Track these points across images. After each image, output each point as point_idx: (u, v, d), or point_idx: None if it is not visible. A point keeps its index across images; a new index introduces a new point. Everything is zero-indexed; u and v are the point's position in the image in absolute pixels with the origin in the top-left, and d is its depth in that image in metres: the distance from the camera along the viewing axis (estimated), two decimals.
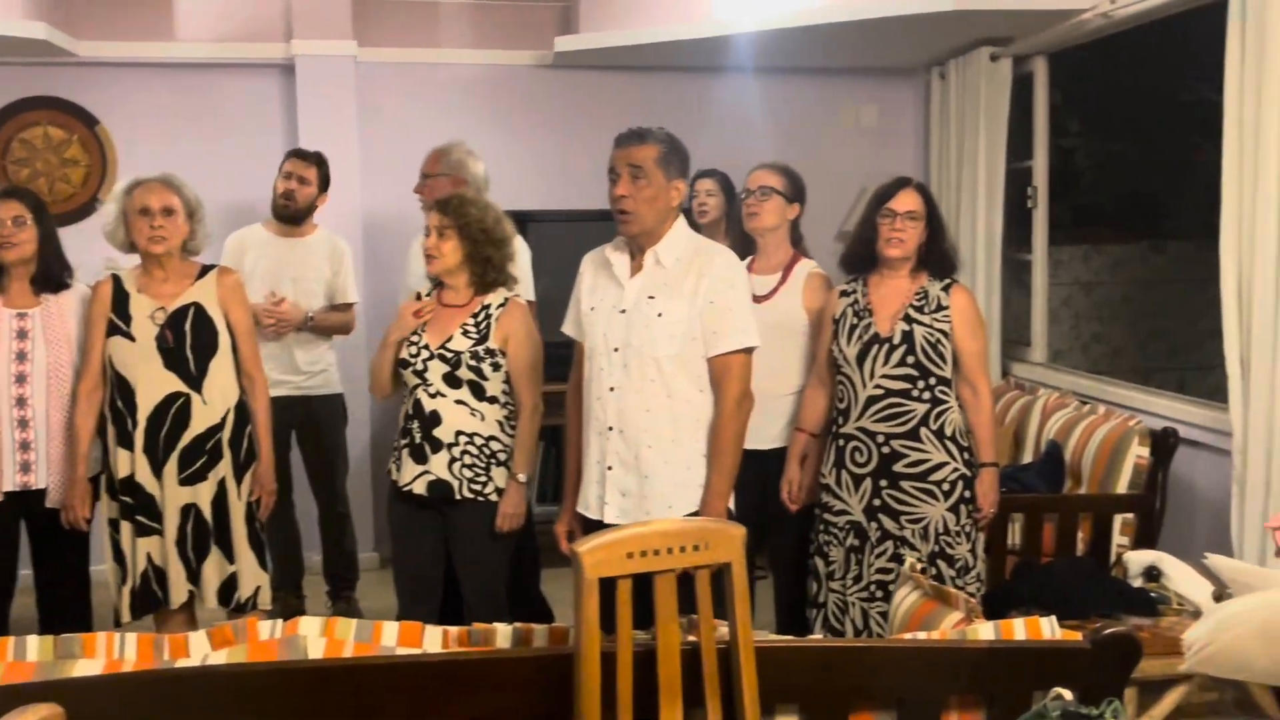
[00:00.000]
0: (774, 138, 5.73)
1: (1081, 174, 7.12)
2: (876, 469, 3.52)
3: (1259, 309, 3.46)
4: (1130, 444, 4.04)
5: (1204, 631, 1.48)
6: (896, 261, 3.53)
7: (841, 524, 3.60)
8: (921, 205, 3.53)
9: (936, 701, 2.09)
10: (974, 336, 3.53)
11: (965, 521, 3.52)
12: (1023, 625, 2.21)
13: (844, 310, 3.62)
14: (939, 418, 3.49)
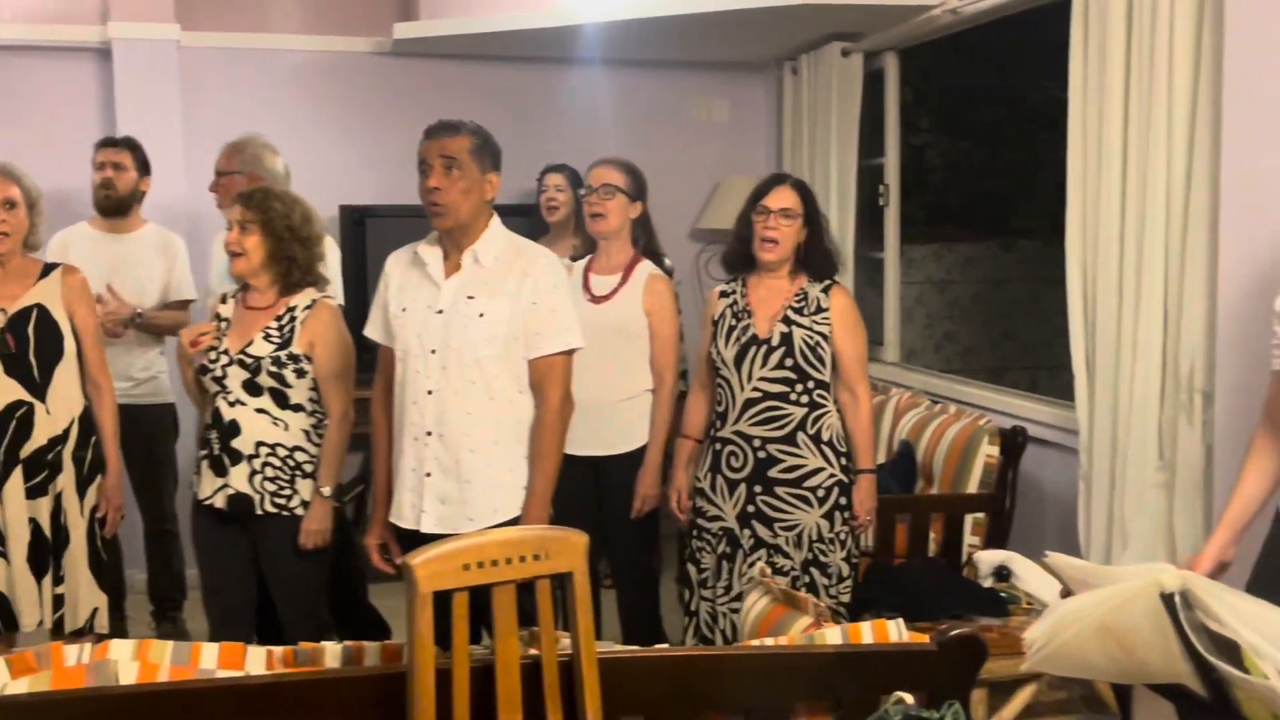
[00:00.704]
0: (624, 132, 5.75)
1: (933, 172, 7.32)
2: (751, 474, 3.54)
3: (1103, 308, 3.59)
4: (980, 443, 4.16)
5: (1043, 630, 1.53)
6: (772, 262, 3.56)
7: (714, 530, 3.61)
8: (798, 203, 3.54)
9: (784, 708, 2.12)
10: (853, 339, 3.57)
11: (840, 529, 3.56)
12: (870, 629, 2.25)
13: (723, 311, 3.64)
14: (816, 422, 3.53)
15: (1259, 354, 2.76)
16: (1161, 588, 1.40)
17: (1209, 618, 1.38)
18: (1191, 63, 3.27)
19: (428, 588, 1.95)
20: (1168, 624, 1.42)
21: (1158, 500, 3.42)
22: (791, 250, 3.55)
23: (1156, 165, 3.36)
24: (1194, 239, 3.26)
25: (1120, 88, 3.50)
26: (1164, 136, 3.33)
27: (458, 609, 1.98)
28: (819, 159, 5.42)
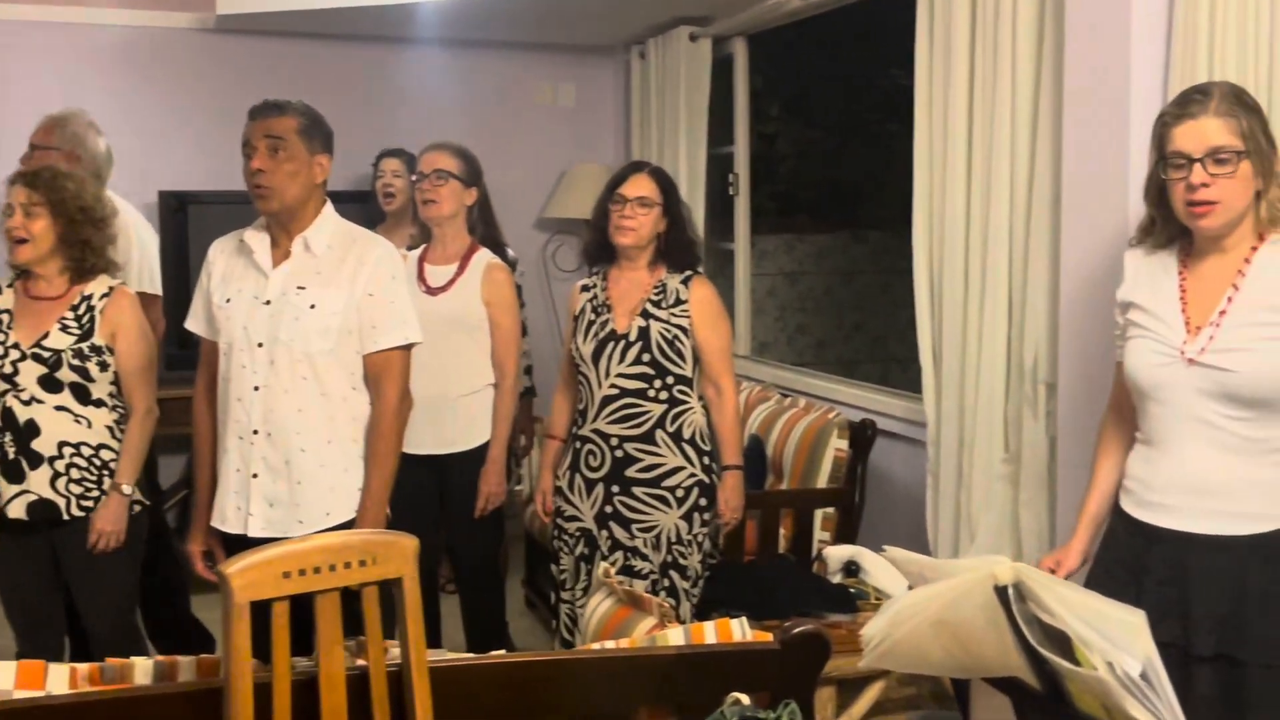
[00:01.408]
0: (465, 116, 5.71)
1: (783, 161, 7.43)
2: (609, 474, 3.54)
3: (949, 300, 3.68)
4: (830, 437, 4.23)
5: (880, 626, 1.55)
6: (630, 250, 3.55)
7: (573, 531, 3.62)
8: (656, 191, 3.54)
9: (624, 713, 2.12)
10: (716, 332, 3.57)
11: (698, 530, 3.57)
12: (714, 629, 2.27)
13: (584, 306, 3.63)
14: (676, 419, 3.53)
15: (1101, 345, 2.86)
16: (995, 580, 1.43)
17: (1041, 609, 1.42)
18: (1034, 54, 3.37)
19: (244, 597, 1.90)
20: (1002, 617, 1.45)
21: (1004, 492, 3.52)
22: (650, 239, 3.55)
23: (1000, 157, 3.45)
24: (1037, 229, 3.37)
25: (965, 78, 3.59)
26: (1008, 128, 3.43)
27: (277, 619, 1.93)
28: (668, 146, 5.45)
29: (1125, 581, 2.50)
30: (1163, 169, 2.43)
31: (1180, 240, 2.52)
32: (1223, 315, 2.39)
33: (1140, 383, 2.49)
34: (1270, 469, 2.38)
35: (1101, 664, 1.34)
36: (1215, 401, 2.38)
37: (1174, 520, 2.45)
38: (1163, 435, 2.47)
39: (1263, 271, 2.37)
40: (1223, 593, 2.38)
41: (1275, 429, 2.36)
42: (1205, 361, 2.38)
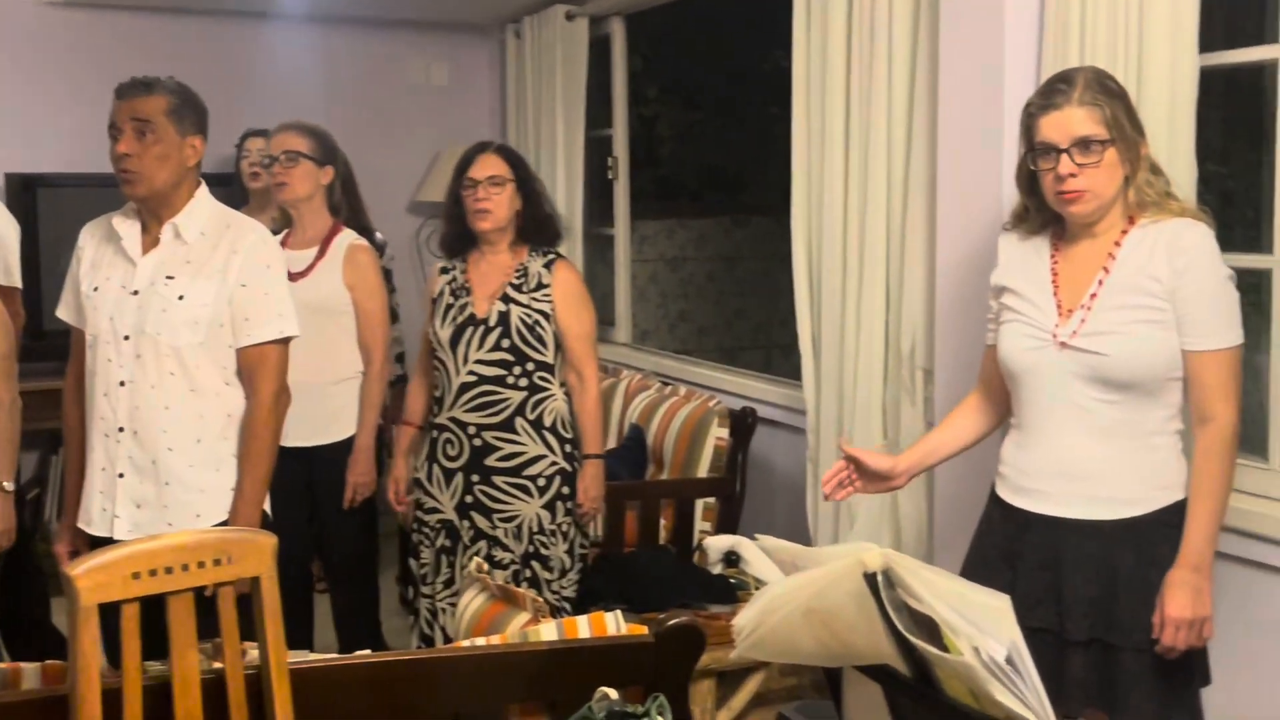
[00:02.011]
0: (334, 95, 5.63)
1: (663, 144, 7.44)
2: (468, 463, 3.52)
3: (827, 286, 3.73)
4: (710, 425, 4.26)
5: (751, 616, 1.56)
6: (491, 234, 3.53)
7: (433, 523, 3.59)
8: (506, 169, 3.53)
9: (495, 711, 2.11)
10: (579, 317, 3.57)
11: (562, 520, 3.57)
12: (588, 623, 2.27)
13: (442, 289, 3.60)
14: (538, 407, 3.52)
15: (976, 331, 2.92)
16: (864, 567, 1.45)
17: (909, 596, 1.44)
18: (910, 41, 3.42)
19: (90, 600, 1.85)
20: (871, 604, 1.47)
21: None
22: (508, 219, 3.53)
23: (877, 143, 3.50)
24: (913, 216, 3.42)
25: (842, 65, 3.63)
26: (884, 114, 3.48)
27: (126, 623, 1.89)
28: (544, 128, 5.43)
29: (1001, 567, 2.56)
30: (1031, 159, 2.49)
31: (1053, 225, 2.58)
32: (1093, 299, 2.45)
33: (1013, 367, 2.55)
34: (1140, 452, 2.45)
35: (968, 649, 1.37)
36: (1086, 385, 2.44)
37: (1047, 506, 2.51)
38: (1035, 420, 2.53)
39: (1132, 255, 2.44)
40: (1095, 577, 2.45)
41: (1145, 412, 2.44)
42: (1076, 345, 2.44)
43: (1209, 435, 2.41)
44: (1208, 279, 2.39)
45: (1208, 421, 2.41)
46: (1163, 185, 2.48)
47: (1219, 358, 2.40)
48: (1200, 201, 2.65)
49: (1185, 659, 2.43)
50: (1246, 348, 2.50)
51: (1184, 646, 2.39)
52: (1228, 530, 2.61)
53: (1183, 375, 2.43)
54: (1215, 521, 2.42)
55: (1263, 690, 2.73)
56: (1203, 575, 2.40)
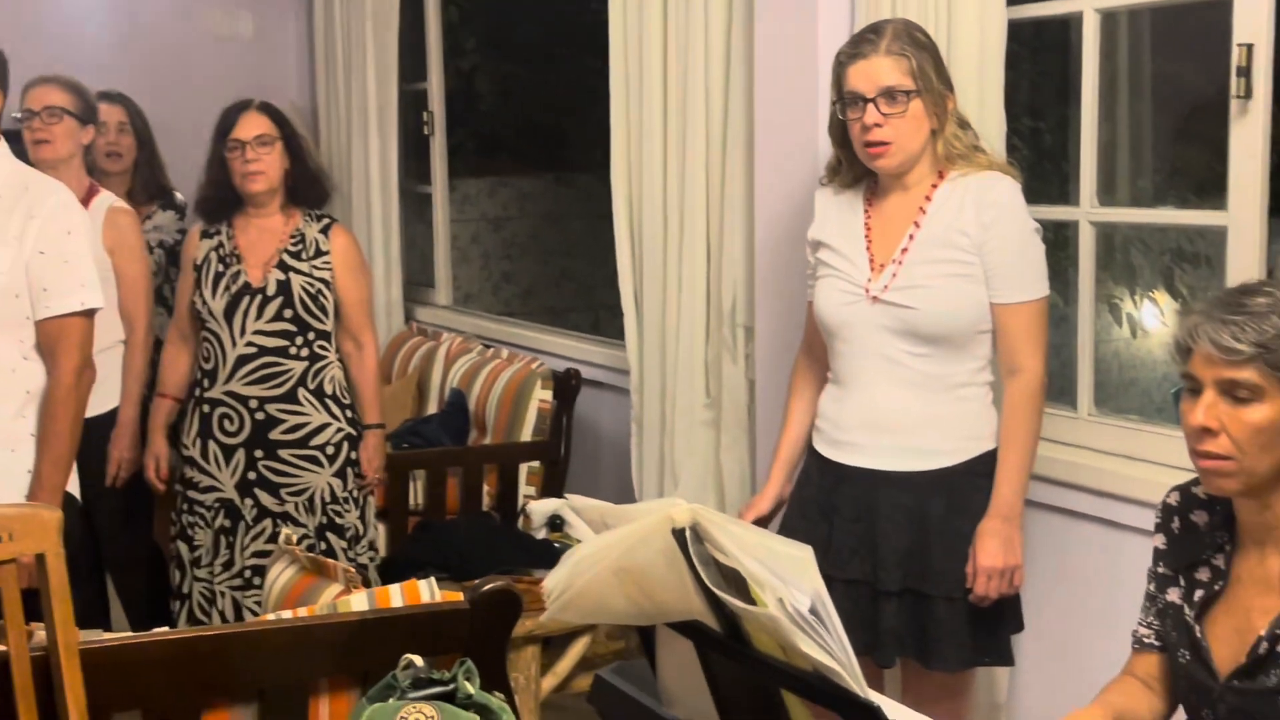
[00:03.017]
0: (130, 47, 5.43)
1: (482, 99, 7.38)
2: (250, 438, 3.47)
3: (649, 245, 3.75)
4: (533, 388, 4.27)
5: (561, 577, 1.57)
6: (261, 197, 3.48)
7: (210, 502, 3.52)
8: (272, 127, 3.49)
9: (303, 686, 2.08)
10: (357, 284, 3.58)
11: (353, 486, 3.56)
12: (401, 591, 2.26)
13: (207, 255, 3.52)
14: (318, 375, 3.50)
15: (796, 287, 2.98)
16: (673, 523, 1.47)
17: (716, 550, 1.47)
18: None
19: None
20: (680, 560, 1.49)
21: (706, 437, 3.63)
22: (279, 180, 3.50)
23: (695, 99, 3.52)
24: (732, 172, 3.46)
25: (659, 14, 3.62)
26: (702, 69, 3.49)
27: None
28: (355, 83, 5.34)
29: (817, 520, 2.64)
30: (840, 109, 2.55)
31: (866, 179, 2.65)
32: (905, 253, 2.52)
33: (828, 321, 2.61)
34: (951, 404, 2.54)
35: (772, 601, 1.40)
36: (898, 339, 2.52)
37: (861, 458, 2.59)
38: (850, 374, 2.60)
39: (941, 209, 2.52)
40: (907, 528, 2.54)
41: (955, 365, 2.52)
42: (888, 299, 2.51)
43: (1017, 386, 2.51)
44: (1014, 232, 2.48)
45: (1016, 373, 2.51)
46: (971, 138, 2.56)
47: (1026, 310, 2.49)
48: (1015, 155, 2.75)
49: (997, 607, 2.54)
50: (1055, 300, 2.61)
51: (996, 595, 2.50)
52: (1038, 479, 2.72)
53: (992, 328, 2.52)
54: (1024, 471, 2.52)
55: (1074, 634, 2.86)
56: (1013, 524, 2.51)
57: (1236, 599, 1.88)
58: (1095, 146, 2.86)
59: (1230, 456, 1.79)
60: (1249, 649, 1.82)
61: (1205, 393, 1.79)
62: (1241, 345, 1.75)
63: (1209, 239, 5.52)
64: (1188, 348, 1.81)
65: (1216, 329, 1.77)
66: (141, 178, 4.19)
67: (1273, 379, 1.76)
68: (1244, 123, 2.54)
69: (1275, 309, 1.77)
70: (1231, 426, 1.78)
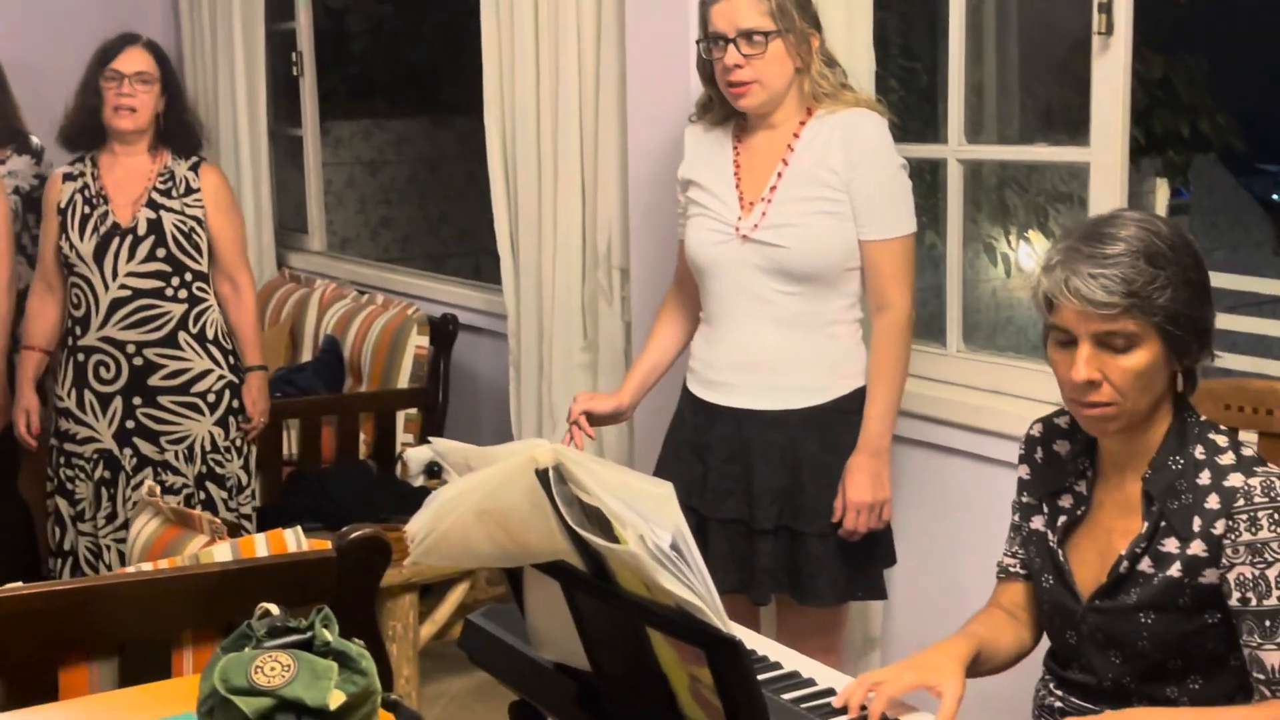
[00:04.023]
0: None
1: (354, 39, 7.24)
2: (128, 385, 3.41)
3: (524, 188, 3.71)
4: (409, 334, 4.22)
5: (425, 521, 1.56)
6: (130, 135, 3.40)
7: (88, 454, 3.45)
8: (155, 67, 3.43)
9: (165, 639, 2.05)
10: (230, 222, 3.53)
11: (235, 435, 3.51)
12: (266, 541, 2.23)
13: (72, 198, 3.43)
14: (200, 319, 3.44)
15: (669, 228, 2.98)
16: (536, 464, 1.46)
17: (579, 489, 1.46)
18: None
19: None
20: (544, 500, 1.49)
21: (583, 381, 3.62)
22: (150, 121, 3.43)
23: (567, 35, 3.48)
24: (606, 112, 3.43)
25: None
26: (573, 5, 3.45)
27: None
28: (221, 21, 5.19)
29: (692, 461, 2.65)
30: (705, 49, 2.54)
31: (736, 117, 2.64)
32: (773, 191, 2.53)
33: (698, 261, 2.61)
34: (821, 342, 2.56)
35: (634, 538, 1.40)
36: (768, 277, 2.53)
37: (733, 398, 2.60)
38: (721, 313, 2.61)
39: (809, 147, 2.52)
40: (781, 467, 2.56)
41: (824, 303, 2.54)
42: (757, 238, 2.52)
43: (886, 323, 2.54)
44: (881, 169, 2.50)
45: (884, 310, 2.54)
46: (839, 77, 2.57)
47: (893, 246, 2.52)
48: (890, 96, 2.76)
49: (869, 541, 2.58)
50: (928, 236, 2.64)
51: (865, 529, 2.54)
52: (907, 415, 2.77)
53: (860, 265, 2.54)
54: (893, 407, 2.56)
55: (943, 566, 2.92)
56: (881, 459, 2.54)
57: (1098, 523, 1.93)
58: (963, 84, 2.89)
59: (1114, 403, 1.81)
60: (1110, 569, 1.87)
61: (1082, 346, 1.79)
62: (1114, 298, 1.74)
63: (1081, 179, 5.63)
64: (1054, 301, 1.81)
65: (1085, 283, 1.75)
66: None
67: (1146, 324, 1.76)
68: (1105, 59, 2.58)
69: (1135, 251, 1.77)
70: (1113, 375, 1.79)
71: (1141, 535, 1.85)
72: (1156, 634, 1.85)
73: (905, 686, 1.76)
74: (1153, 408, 1.84)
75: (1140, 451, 1.88)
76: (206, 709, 1.44)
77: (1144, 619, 1.84)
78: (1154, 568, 1.84)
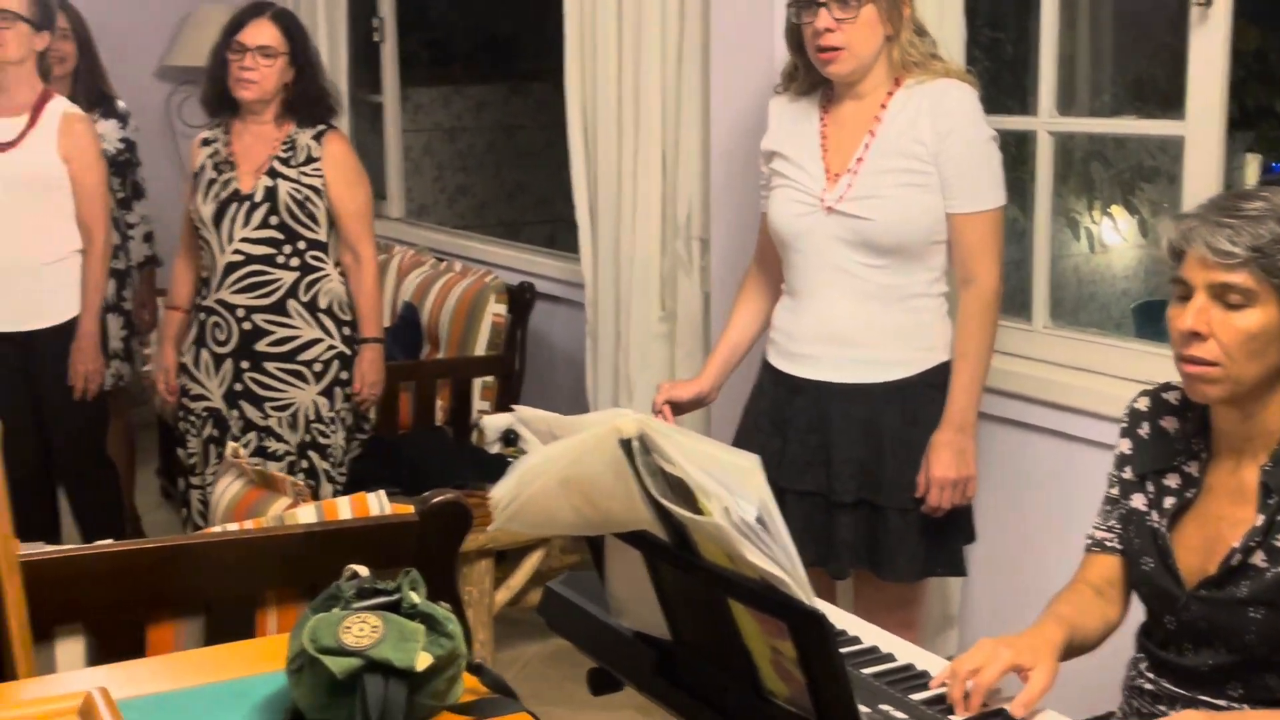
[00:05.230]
0: None
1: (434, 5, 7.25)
2: (237, 348, 3.45)
3: (604, 156, 3.72)
4: (487, 301, 4.25)
5: (508, 488, 1.57)
6: (254, 104, 3.42)
7: (199, 411, 3.52)
8: (282, 40, 3.41)
9: (250, 599, 2.08)
10: (352, 193, 3.50)
11: (341, 407, 3.53)
12: (349, 504, 2.25)
13: (204, 163, 3.49)
14: (312, 288, 3.46)
15: (751, 198, 2.97)
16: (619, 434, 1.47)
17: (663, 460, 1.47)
18: None
19: None
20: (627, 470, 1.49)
21: (660, 351, 3.63)
22: (275, 91, 3.42)
23: (651, 3, 3.47)
24: (688, 80, 3.43)
25: None
26: None
27: None
28: None
29: (771, 433, 2.64)
30: (795, 13, 2.52)
31: (822, 86, 2.62)
32: (860, 163, 2.51)
33: (782, 233, 2.60)
34: (905, 315, 2.54)
35: (718, 510, 1.40)
36: (853, 250, 2.51)
37: (815, 370, 2.59)
38: (804, 285, 2.60)
39: (896, 117, 2.50)
40: (861, 440, 2.55)
41: (909, 276, 2.52)
42: (842, 210, 2.50)
43: (971, 297, 2.51)
44: (971, 140, 2.47)
45: (970, 283, 2.51)
46: (928, 46, 2.54)
47: (981, 219, 2.49)
48: (974, 66, 2.73)
49: (950, 518, 2.56)
50: (1012, 210, 2.61)
51: (949, 506, 2.52)
52: (992, 391, 2.74)
53: (947, 238, 2.52)
54: (978, 382, 2.54)
55: (1023, 544, 2.89)
56: (967, 435, 2.52)
57: (1207, 508, 1.89)
58: (1055, 55, 2.85)
59: (1217, 363, 1.78)
60: (1220, 560, 1.83)
61: (1196, 296, 1.78)
62: (1236, 249, 1.74)
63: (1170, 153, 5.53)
64: (1181, 250, 1.80)
65: (1212, 231, 1.75)
66: (83, 85, 4.10)
67: (1266, 284, 1.75)
68: (1204, 30, 2.53)
69: (1271, 213, 1.75)
70: (1221, 332, 1.77)
71: (1257, 528, 1.80)
72: (1265, 629, 1.80)
73: (1001, 671, 1.74)
74: (1268, 385, 1.80)
75: (1258, 435, 1.84)
76: (295, 667, 1.47)
77: (1253, 613, 1.80)
78: (1268, 562, 1.79)
